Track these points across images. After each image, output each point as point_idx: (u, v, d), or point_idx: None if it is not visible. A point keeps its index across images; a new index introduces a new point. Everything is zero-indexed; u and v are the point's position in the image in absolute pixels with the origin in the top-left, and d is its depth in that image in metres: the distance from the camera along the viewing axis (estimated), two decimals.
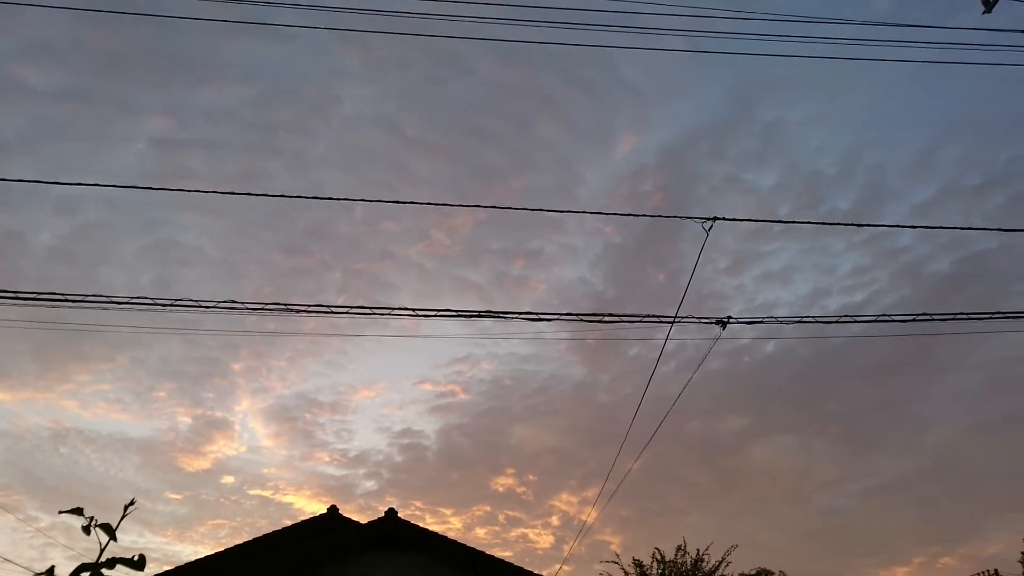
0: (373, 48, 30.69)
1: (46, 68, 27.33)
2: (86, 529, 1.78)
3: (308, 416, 40.32)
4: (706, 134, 38.48)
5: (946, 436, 42.46)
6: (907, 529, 46.40)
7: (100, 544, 1.77)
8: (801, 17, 10.45)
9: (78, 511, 1.81)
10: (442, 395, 42.43)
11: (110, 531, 1.80)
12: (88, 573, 1.75)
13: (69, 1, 9.44)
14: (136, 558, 1.84)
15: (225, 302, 7.90)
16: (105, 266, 30.38)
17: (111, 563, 1.79)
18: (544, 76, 36.07)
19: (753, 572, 21.43)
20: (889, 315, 7.62)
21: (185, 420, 38.41)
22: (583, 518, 32.64)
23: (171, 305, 8.16)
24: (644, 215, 12.08)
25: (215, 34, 27.07)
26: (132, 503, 1.87)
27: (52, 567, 1.70)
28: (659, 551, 19.80)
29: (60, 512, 1.83)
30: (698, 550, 19.72)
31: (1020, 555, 19.50)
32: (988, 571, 26.54)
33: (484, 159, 36.59)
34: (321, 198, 8.26)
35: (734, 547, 19.81)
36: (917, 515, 45.81)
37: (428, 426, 45.30)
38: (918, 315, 7.58)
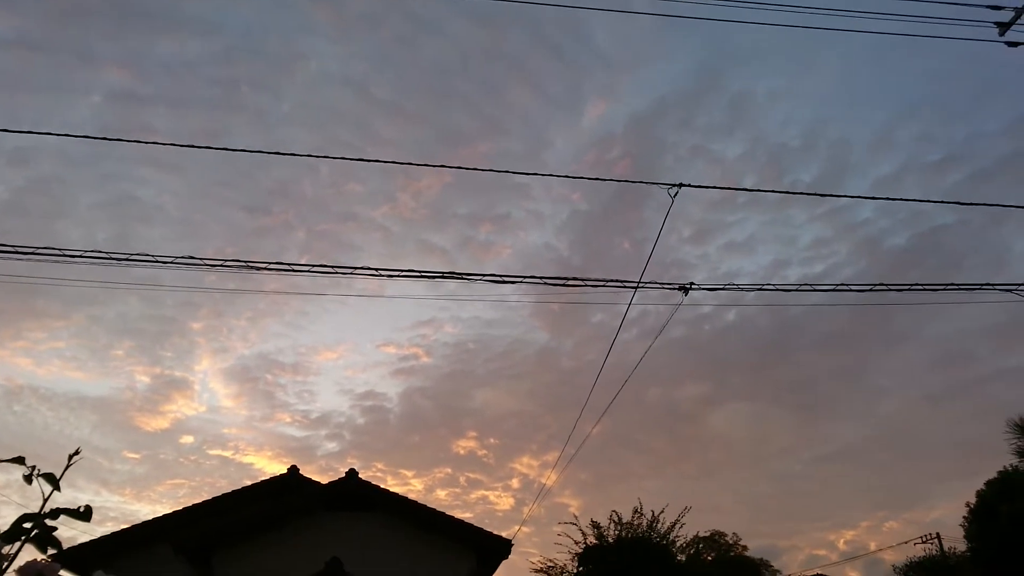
0: (342, 6, 29.99)
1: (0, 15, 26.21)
2: (27, 479, 1.72)
3: (269, 377, 40.05)
4: (674, 103, 38.52)
5: (897, 406, 43.79)
6: (856, 494, 48.00)
7: (43, 494, 1.72)
8: None
9: (19, 460, 1.75)
10: (405, 358, 42.43)
11: (53, 481, 1.74)
12: (31, 524, 1.70)
13: None
14: (82, 509, 1.79)
15: (183, 258, 7.73)
16: (60, 221, 29.58)
17: (55, 513, 1.74)
18: (515, 40, 35.66)
19: (707, 534, 22.00)
20: (847, 284, 7.74)
21: (143, 379, 37.90)
22: (543, 481, 33.08)
23: (127, 260, 7.96)
24: (611, 179, 12.07)
25: None
26: (77, 452, 1.81)
27: None
28: (616, 513, 20.19)
29: (0, 461, 1.77)
30: (653, 512, 20.15)
31: (962, 519, 20.28)
32: (930, 535, 27.57)
33: (452, 122, 36.21)
34: (285, 154, 8.08)
35: (687, 509, 20.28)
36: (866, 481, 47.39)
37: (391, 389, 45.33)
38: (875, 285, 7.71)
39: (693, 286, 7.57)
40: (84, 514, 1.83)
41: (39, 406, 35.23)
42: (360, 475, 15.18)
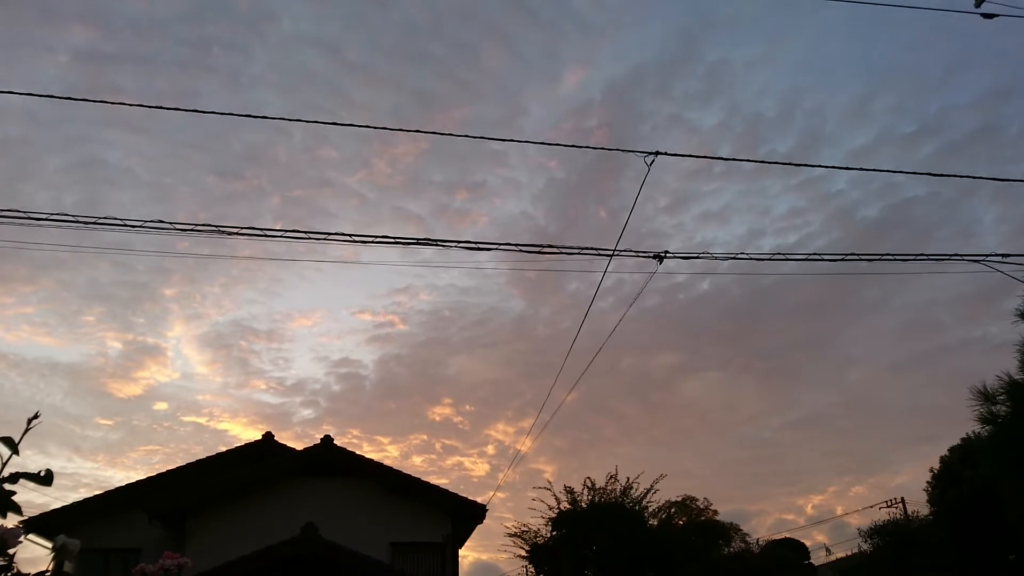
0: None
1: None
2: None
3: (244, 344, 39.79)
4: (652, 71, 38.27)
5: (864, 374, 44.60)
6: (823, 460, 49.02)
7: (1, 459, 1.69)
8: None
9: None
10: (381, 325, 42.33)
11: (12, 445, 1.71)
12: None
13: None
14: (42, 473, 1.76)
15: (153, 222, 7.60)
16: (26, 183, 28.88)
17: (13, 477, 1.71)
18: (491, 2, 35.13)
19: (679, 499, 22.38)
20: (820, 254, 7.82)
21: (115, 345, 37.48)
22: (518, 447, 33.33)
23: (95, 223, 7.81)
24: (588, 147, 12.02)
25: None
26: (36, 416, 1.77)
27: None
28: (590, 479, 20.47)
29: None
30: (628, 478, 20.45)
31: (925, 484, 20.83)
32: (895, 499, 28.36)
33: (427, 87, 35.70)
34: (258, 116, 7.93)
35: (662, 476, 20.64)
36: (833, 447, 48.37)
37: (366, 356, 45.27)
38: (847, 255, 7.81)
39: (668, 254, 7.61)
40: (44, 478, 1.80)
41: (8, 372, 34.75)
42: (335, 442, 15.22)
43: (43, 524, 13.88)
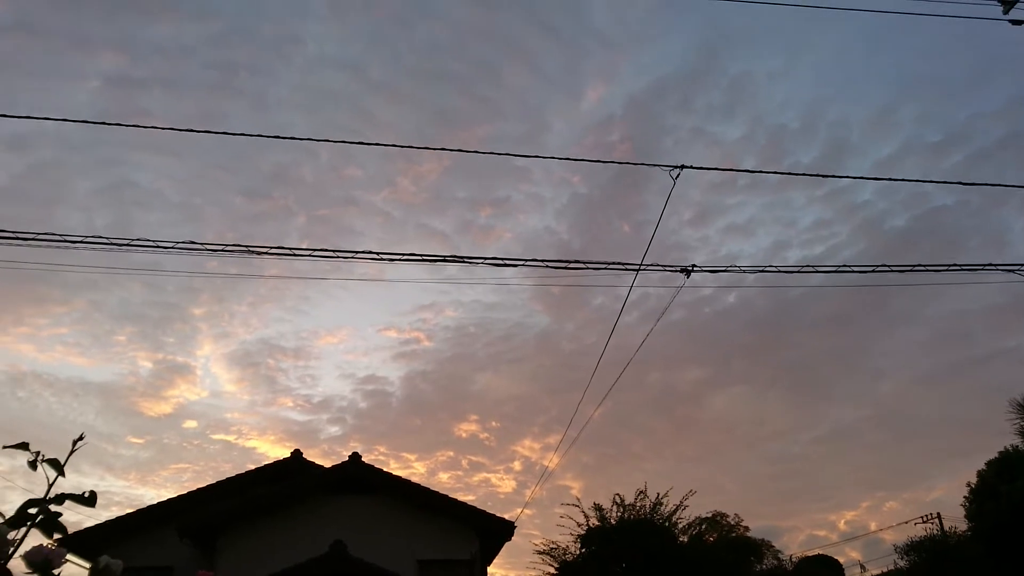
0: None
1: None
2: (32, 464, 1.72)
3: (271, 362, 40.08)
4: (674, 85, 38.21)
5: (894, 386, 43.82)
6: (855, 475, 48.14)
7: (48, 480, 1.71)
8: None
9: (23, 446, 1.74)
10: (406, 342, 42.43)
11: (58, 467, 1.74)
12: (36, 509, 1.70)
13: None
14: (87, 494, 1.79)
15: (184, 243, 7.72)
16: (59, 206, 29.47)
17: (60, 499, 1.74)
18: (512, 21, 35.36)
19: (709, 515, 22.10)
20: (849, 266, 7.72)
21: (146, 364, 37.93)
22: (545, 463, 33.20)
23: (128, 245, 7.95)
24: (612, 161, 12.00)
25: None
26: (81, 438, 1.80)
27: None
28: (619, 496, 20.28)
29: (4, 447, 1.76)
30: (658, 494, 20.24)
31: (963, 499, 20.37)
32: (931, 515, 27.76)
33: (450, 105, 35.94)
34: (284, 137, 8.04)
35: (692, 492, 20.35)
36: (865, 461, 47.49)
37: (392, 372, 45.36)
38: (877, 266, 7.71)
39: (695, 268, 7.57)
40: (89, 499, 1.83)
41: (42, 392, 35.30)
42: (363, 459, 15.25)
43: (77, 543, 14.04)
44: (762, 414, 45.28)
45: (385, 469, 16.08)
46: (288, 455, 16.59)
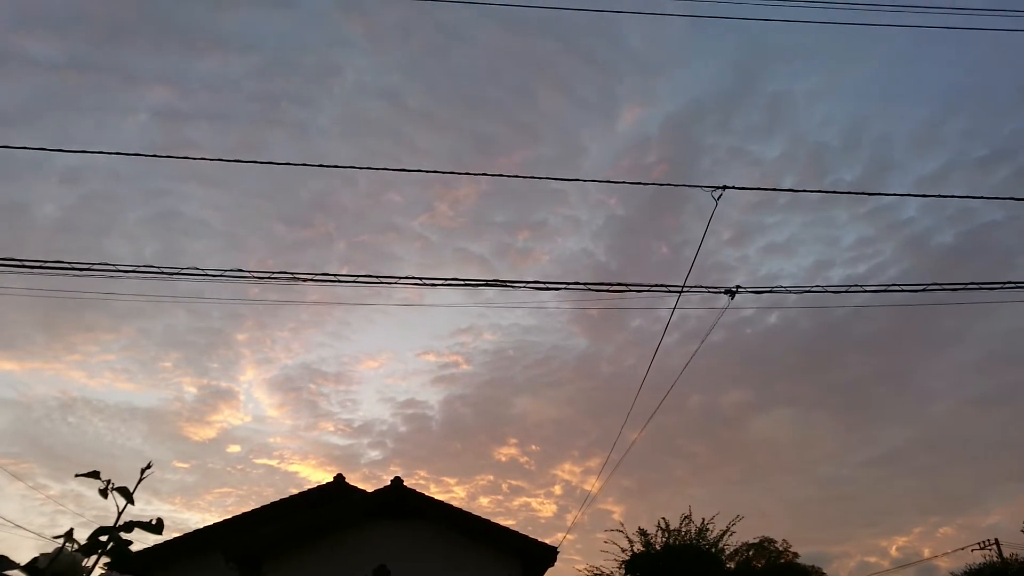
0: (375, 18, 30.33)
1: (47, 38, 27.14)
2: (103, 492, 1.77)
3: (312, 386, 40.53)
4: (711, 105, 38.11)
5: (947, 407, 42.59)
6: (907, 499, 46.75)
7: (118, 508, 1.76)
8: None
9: (94, 474, 1.79)
10: (445, 366, 42.59)
11: (127, 495, 1.78)
12: (106, 536, 1.74)
13: None
14: (154, 522, 1.83)
15: (232, 270, 7.88)
16: (109, 237, 30.37)
17: (129, 526, 1.78)
18: (547, 46, 35.68)
19: (756, 540, 21.63)
20: (899, 285, 7.56)
21: (191, 390, 38.66)
22: (585, 488, 32.82)
23: (177, 274, 8.14)
24: (653, 183, 11.97)
25: (216, 4, 26.78)
26: (149, 467, 1.85)
27: (71, 530, 1.69)
28: (664, 520, 19.96)
29: (77, 475, 1.81)
30: (703, 519, 19.86)
31: (1022, 524, 19.61)
32: (988, 540, 26.75)
33: (487, 130, 36.33)
34: (329, 166, 8.19)
35: (739, 518, 19.90)
36: (917, 486, 46.11)
37: (431, 396, 45.51)
38: (928, 285, 7.53)
39: (739, 289, 7.48)
40: (156, 527, 1.87)
41: (92, 417, 36.20)
42: (404, 483, 15.27)
43: (130, 566, 14.24)
44: (808, 437, 44.35)
45: (426, 493, 16.08)
46: (330, 479, 16.69)
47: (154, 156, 8.99)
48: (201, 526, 16.26)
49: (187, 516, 41.83)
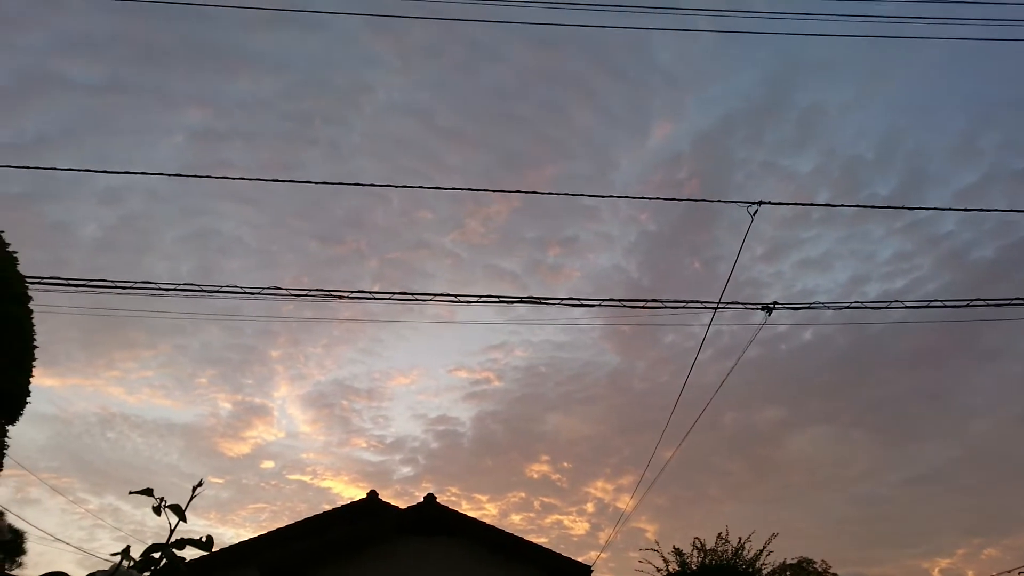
0: (405, 36, 30.72)
1: (86, 61, 27.85)
2: (156, 510, 1.79)
3: (345, 403, 40.76)
4: (742, 120, 37.83)
5: (990, 425, 41.43)
6: (949, 520, 45.45)
7: (170, 525, 1.78)
8: None
9: (148, 492, 1.82)
10: (477, 382, 42.57)
11: (180, 512, 1.81)
12: (159, 553, 1.76)
13: None
14: (204, 539, 1.85)
15: (269, 288, 7.99)
16: (148, 255, 30.93)
17: (180, 543, 1.80)
18: (577, 62, 35.76)
19: (794, 561, 21.19)
20: (941, 300, 7.42)
21: (226, 406, 39.11)
22: (618, 505, 32.52)
23: (216, 292, 8.28)
24: (689, 199, 11.93)
25: (249, 25, 27.31)
26: (200, 484, 1.87)
27: (127, 547, 1.72)
28: (699, 540, 19.65)
29: (131, 492, 1.84)
30: (740, 539, 19.50)
31: None
32: None
33: (517, 147, 36.43)
34: (364, 184, 8.30)
35: (775, 535, 19.51)
36: (960, 505, 44.81)
37: (463, 413, 45.50)
38: (971, 301, 7.38)
39: (776, 306, 7.39)
40: (206, 544, 1.89)
41: (130, 432, 36.73)
42: (436, 499, 15.26)
43: None
44: (845, 455, 43.47)
45: (458, 510, 16.06)
46: (362, 496, 16.76)
47: (194, 176, 9.19)
48: (236, 541, 16.42)
49: (222, 531, 42.13)
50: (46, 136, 27.19)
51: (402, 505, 16.09)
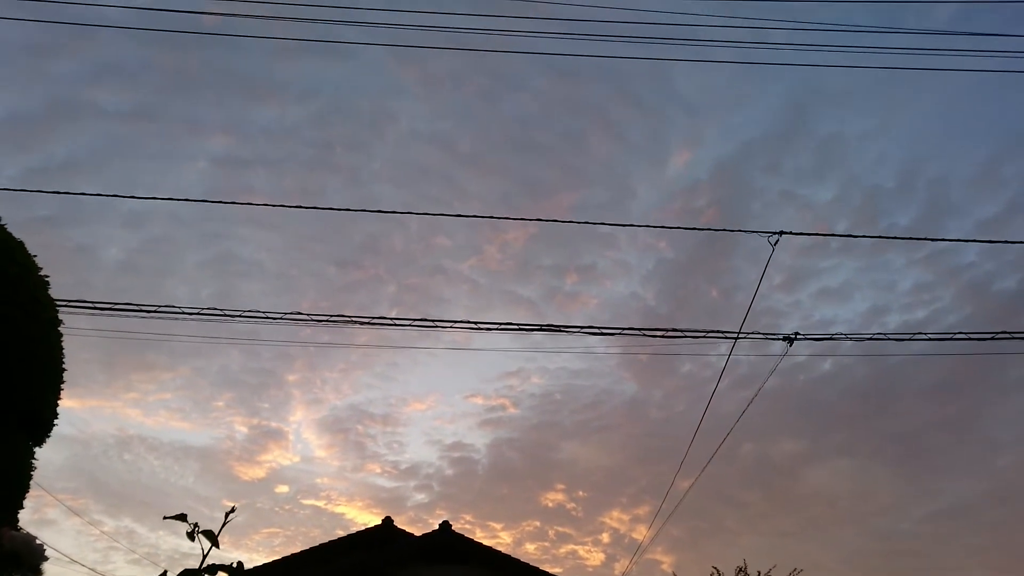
0: (427, 66, 31.11)
1: (116, 89, 28.34)
2: (190, 535, 1.82)
3: (360, 428, 40.69)
4: (761, 148, 37.84)
5: (1015, 459, 40.65)
6: (974, 555, 44.43)
7: (203, 550, 1.80)
8: (859, 27, 10.25)
9: (182, 517, 1.84)
10: (492, 409, 42.40)
11: (212, 538, 1.83)
12: None
13: (138, 23, 9.79)
14: (235, 565, 1.87)
15: (290, 313, 8.07)
16: (169, 279, 31.21)
17: (212, 569, 1.82)
18: (597, 91, 36.01)
19: None
20: (964, 332, 7.35)
21: (242, 430, 39.16)
22: (634, 536, 32.17)
23: (237, 316, 8.37)
24: (709, 228, 11.97)
25: (275, 54, 27.77)
26: (233, 510, 1.89)
27: (165, 572, 1.74)
28: (717, 571, 19.36)
29: (165, 518, 1.87)
30: (758, 572, 19.18)
31: None
32: None
33: (536, 175, 36.59)
34: (383, 211, 8.40)
35: (798, 571, 19.08)
36: (984, 541, 43.81)
37: (478, 440, 45.26)
38: (996, 333, 7.30)
39: (798, 336, 7.37)
40: (237, 570, 1.91)
41: (147, 455, 36.82)
42: (452, 527, 15.15)
43: None
44: (866, 488, 42.72)
45: (473, 538, 15.92)
46: (376, 521, 16.66)
47: (219, 202, 9.33)
48: (250, 567, 16.34)
49: (235, 556, 41.66)
50: (74, 161, 27.66)
51: (416, 531, 15.98)
